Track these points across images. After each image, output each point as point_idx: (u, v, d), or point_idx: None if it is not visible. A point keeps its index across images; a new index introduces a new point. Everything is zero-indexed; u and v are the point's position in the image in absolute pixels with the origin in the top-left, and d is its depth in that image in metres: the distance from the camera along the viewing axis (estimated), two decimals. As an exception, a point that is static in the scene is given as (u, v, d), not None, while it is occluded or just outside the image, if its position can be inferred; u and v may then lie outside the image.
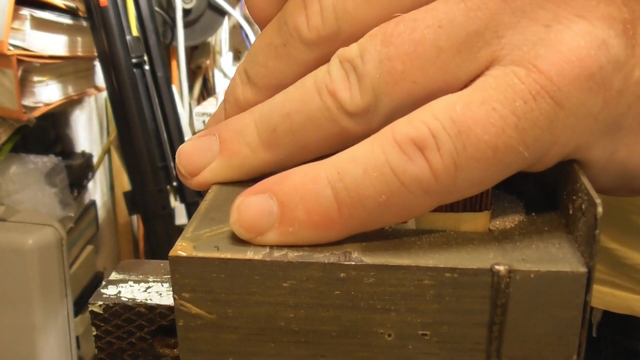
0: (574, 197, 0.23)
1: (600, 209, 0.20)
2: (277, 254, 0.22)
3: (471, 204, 0.24)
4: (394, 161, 0.21)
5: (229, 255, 0.22)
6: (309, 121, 0.23)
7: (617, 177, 0.24)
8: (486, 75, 0.21)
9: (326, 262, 0.22)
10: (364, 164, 0.21)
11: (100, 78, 1.22)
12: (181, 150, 0.26)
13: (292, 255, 0.22)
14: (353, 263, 0.22)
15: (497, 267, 0.21)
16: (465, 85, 0.22)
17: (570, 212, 0.23)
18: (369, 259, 0.22)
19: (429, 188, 0.21)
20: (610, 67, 0.21)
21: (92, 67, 1.24)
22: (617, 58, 0.21)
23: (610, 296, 0.49)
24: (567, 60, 0.20)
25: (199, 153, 0.26)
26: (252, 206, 0.22)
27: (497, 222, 0.24)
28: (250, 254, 0.22)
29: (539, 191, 0.27)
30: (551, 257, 0.22)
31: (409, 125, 0.21)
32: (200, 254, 0.22)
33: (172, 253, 0.22)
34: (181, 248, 0.22)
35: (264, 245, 0.23)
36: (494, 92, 0.21)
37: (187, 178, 0.26)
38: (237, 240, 0.23)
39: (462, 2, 0.21)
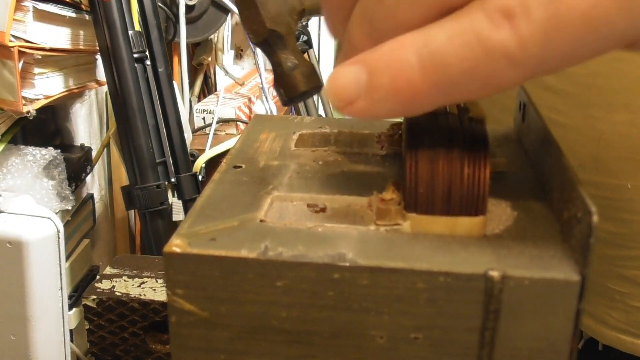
0: (570, 205, 0.23)
1: (595, 218, 0.20)
2: (271, 253, 0.22)
3: (467, 209, 0.24)
4: (479, 28, 0.20)
5: (223, 253, 0.22)
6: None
7: None
8: None
9: (320, 262, 0.22)
10: (450, 30, 0.21)
11: (101, 72, 1.22)
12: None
13: (287, 255, 0.22)
14: (347, 264, 0.22)
15: (490, 272, 0.21)
16: None
17: (566, 220, 0.23)
18: (363, 261, 0.22)
19: (515, 58, 0.20)
20: None
21: (94, 61, 1.24)
22: None
23: (630, 344, 0.49)
24: None
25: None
26: (344, 75, 0.22)
27: (493, 228, 0.24)
28: (244, 252, 0.22)
29: (535, 198, 0.27)
30: (545, 264, 0.22)
31: None
32: (195, 251, 0.22)
33: (166, 249, 0.22)
34: (176, 244, 0.22)
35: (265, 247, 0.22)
36: None
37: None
38: (232, 238, 0.23)
39: None
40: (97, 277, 0.25)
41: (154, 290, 0.25)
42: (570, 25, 0.20)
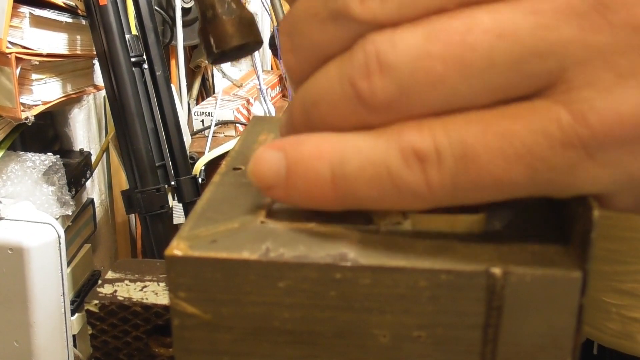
0: (570, 201, 0.23)
1: (596, 213, 0.20)
2: (273, 254, 0.22)
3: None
4: (391, 163, 0.21)
5: (224, 255, 0.22)
6: (334, 110, 0.22)
7: None
8: (527, 105, 0.20)
9: (322, 262, 0.22)
10: (365, 157, 0.21)
11: (99, 77, 1.22)
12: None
13: (288, 256, 0.22)
14: (349, 264, 0.22)
15: (492, 269, 0.21)
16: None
17: (567, 215, 0.23)
18: (364, 260, 0.22)
19: (421, 196, 0.21)
20: None
21: (92, 66, 1.24)
22: None
23: (629, 348, 0.50)
24: (620, 122, 0.19)
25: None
26: (266, 160, 0.23)
27: (494, 224, 0.24)
28: (246, 254, 0.22)
29: (535, 194, 0.27)
30: (547, 260, 0.22)
31: (418, 134, 0.20)
32: (196, 254, 0.22)
33: (167, 252, 0.22)
34: (177, 247, 0.22)
35: (261, 249, 0.22)
36: (522, 129, 0.19)
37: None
38: (233, 240, 0.23)
39: (533, 15, 0.19)
40: (99, 281, 0.25)
41: (156, 293, 0.25)
42: (479, 182, 0.20)
